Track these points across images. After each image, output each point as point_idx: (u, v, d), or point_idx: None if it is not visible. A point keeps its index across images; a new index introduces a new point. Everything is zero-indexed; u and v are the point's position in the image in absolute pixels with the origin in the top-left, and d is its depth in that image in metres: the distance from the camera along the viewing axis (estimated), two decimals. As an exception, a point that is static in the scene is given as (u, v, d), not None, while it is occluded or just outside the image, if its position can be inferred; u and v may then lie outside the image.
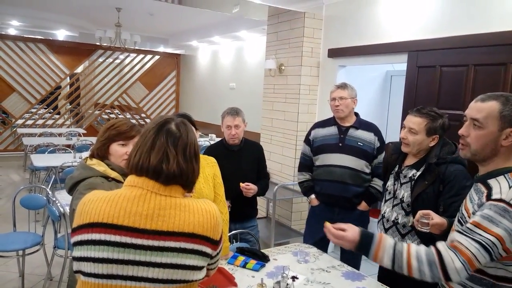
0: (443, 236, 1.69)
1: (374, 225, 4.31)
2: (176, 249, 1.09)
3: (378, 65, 4.47)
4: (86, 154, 1.91)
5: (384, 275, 2.24)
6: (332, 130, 2.84)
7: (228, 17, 6.43)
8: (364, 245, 1.46)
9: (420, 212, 1.76)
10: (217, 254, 1.22)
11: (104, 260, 1.07)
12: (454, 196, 1.87)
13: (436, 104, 2.94)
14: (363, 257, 4.05)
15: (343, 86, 2.80)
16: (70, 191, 1.78)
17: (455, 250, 1.31)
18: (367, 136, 2.77)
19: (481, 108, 1.38)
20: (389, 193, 2.19)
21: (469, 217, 1.40)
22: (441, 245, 1.36)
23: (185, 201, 1.16)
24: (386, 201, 2.20)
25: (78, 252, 1.09)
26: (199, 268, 1.14)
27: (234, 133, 2.69)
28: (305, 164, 2.97)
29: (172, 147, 1.16)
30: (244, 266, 2.14)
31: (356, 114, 2.87)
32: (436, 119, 2.02)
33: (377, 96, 4.77)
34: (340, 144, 2.78)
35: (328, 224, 1.54)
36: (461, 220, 1.46)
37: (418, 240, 2.03)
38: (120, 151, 1.80)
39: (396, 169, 2.17)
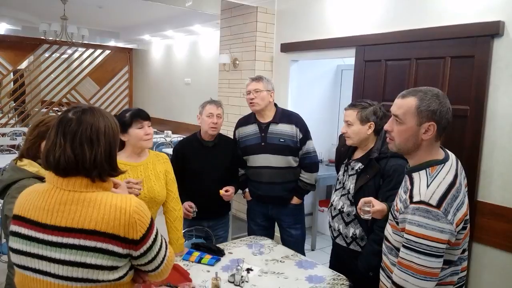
0: (384, 221, 1.78)
1: (322, 215, 4.45)
2: (76, 246, 1.06)
3: (329, 60, 4.59)
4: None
5: (335, 263, 2.33)
6: (253, 128, 2.76)
7: (181, 11, 6.31)
8: None
9: (362, 200, 1.85)
10: (143, 254, 1.15)
11: (17, 251, 1.12)
12: (392, 190, 1.97)
13: (382, 96, 3.07)
14: (312, 246, 4.17)
15: (258, 78, 2.73)
16: (1, 195, 1.67)
17: (399, 266, 1.40)
18: (288, 129, 2.70)
19: (401, 104, 1.47)
20: (339, 183, 2.27)
21: (397, 211, 1.49)
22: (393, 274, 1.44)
23: (93, 196, 1.11)
24: (336, 190, 2.29)
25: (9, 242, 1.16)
26: (109, 268, 1.09)
27: (216, 121, 2.57)
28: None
29: (61, 135, 1.12)
30: (199, 262, 2.14)
31: (276, 106, 2.80)
32: (366, 107, 2.14)
33: (328, 90, 4.90)
34: (263, 144, 2.71)
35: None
36: (392, 211, 1.55)
37: (360, 228, 2.14)
38: None
39: (346, 160, 2.26)
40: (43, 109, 9.24)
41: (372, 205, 1.81)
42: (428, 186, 1.39)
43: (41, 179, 1.65)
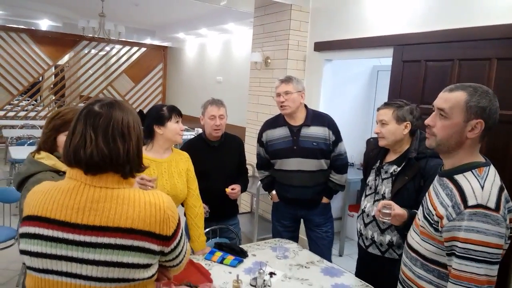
0: (404, 227, 1.70)
1: (352, 220, 4.30)
2: (111, 246, 1.01)
3: (364, 60, 4.44)
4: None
5: (362, 271, 2.21)
6: (283, 131, 2.66)
7: (216, 9, 6.33)
8: None
9: (382, 202, 1.76)
10: (173, 250, 1.13)
11: (39, 255, 1.02)
12: None
13: (421, 99, 2.91)
14: (340, 252, 4.04)
15: (288, 79, 2.61)
16: (19, 188, 1.64)
17: (457, 280, 1.24)
18: (321, 132, 2.62)
19: (448, 98, 1.35)
20: (370, 188, 2.16)
21: (438, 216, 1.34)
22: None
23: (125, 193, 1.07)
24: (366, 196, 2.17)
25: (21, 245, 1.06)
26: (143, 266, 1.05)
27: (218, 123, 2.51)
28: (262, 164, 2.87)
29: (91, 129, 1.05)
30: (221, 262, 2.09)
31: (306, 107, 2.69)
32: (402, 106, 2.03)
33: (363, 91, 4.74)
34: (295, 147, 2.61)
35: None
36: (428, 218, 1.39)
37: (397, 236, 2.00)
38: None
39: (378, 164, 2.14)
40: (81, 104, 9.54)
41: (393, 209, 1.72)
42: (482, 187, 1.26)
43: (57, 172, 1.64)
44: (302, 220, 2.89)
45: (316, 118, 2.67)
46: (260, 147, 2.82)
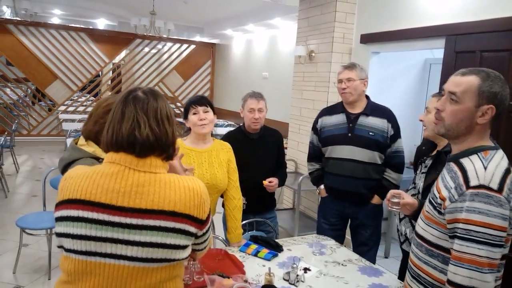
0: (414, 216, 1.64)
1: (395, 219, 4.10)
2: (156, 228, 1.05)
3: (415, 53, 4.23)
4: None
5: (402, 271, 2.11)
6: (340, 118, 2.58)
7: (262, 4, 6.33)
8: None
9: (391, 191, 1.71)
10: (204, 234, 1.18)
11: (82, 237, 1.05)
12: None
13: (474, 92, 2.71)
14: (386, 254, 3.86)
15: (351, 66, 2.54)
16: (63, 173, 1.69)
17: (458, 262, 1.21)
18: (379, 123, 2.51)
19: (460, 82, 1.30)
20: (412, 183, 2.06)
21: (441, 199, 1.30)
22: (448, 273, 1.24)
23: (167, 177, 1.12)
24: (408, 190, 2.08)
25: (59, 228, 1.08)
26: (182, 247, 1.11)
27: (257, 117, 2.52)
28: (314, 155, 2.78)
29: (142, 113, 1.11)
30: (255, 255, 2.08)
31: (367, 97, 2.61)
32: None
33: (414, 86, 4.51)
34: (349, 135, 2.53)
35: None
36: (433, 202, 1.35)
37: None
38: None
39: (423, 159, 2.04)
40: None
41: (402, 198, 1.66)
42: (485, 168, 1.22)
43: (97, 159, 1.70)
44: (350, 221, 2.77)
45: (377, 109, 2.58)
46: (314, 135, 2.75)
